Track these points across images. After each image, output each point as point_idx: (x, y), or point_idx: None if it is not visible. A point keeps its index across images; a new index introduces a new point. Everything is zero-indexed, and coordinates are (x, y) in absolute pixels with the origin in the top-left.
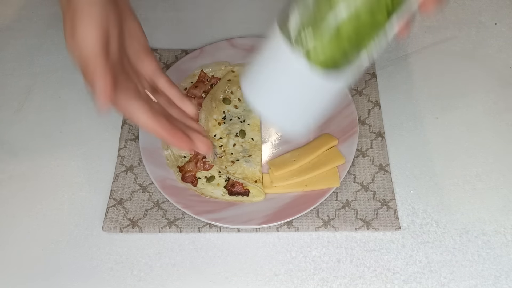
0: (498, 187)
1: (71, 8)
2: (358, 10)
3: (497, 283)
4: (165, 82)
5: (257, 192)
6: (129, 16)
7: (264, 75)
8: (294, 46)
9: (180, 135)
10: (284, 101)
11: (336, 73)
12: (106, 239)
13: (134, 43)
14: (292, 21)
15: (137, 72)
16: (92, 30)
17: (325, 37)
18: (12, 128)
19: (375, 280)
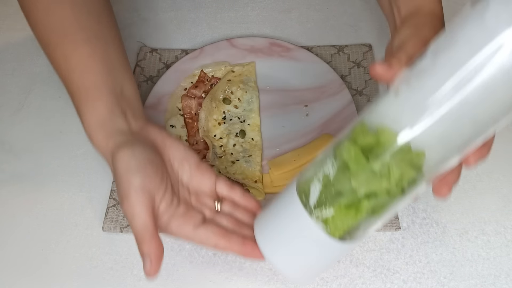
0: (498, 187)
1: (116, 178)
2: (375, 191)
3: (497, 283)
4: (224, 186)
5: (257, 192)
6: (170, 144)
7: (280, 233)
8: (313, 214)
9: (250, 245)
10: (297, 257)
11: (351, 236)
12: (106, 239)
13: (185, 166)
14: (312, 192)
15: (196, 192)
16: (138, 206)
17: (344, 211)
18: (12, 128)
19: (375, 280)
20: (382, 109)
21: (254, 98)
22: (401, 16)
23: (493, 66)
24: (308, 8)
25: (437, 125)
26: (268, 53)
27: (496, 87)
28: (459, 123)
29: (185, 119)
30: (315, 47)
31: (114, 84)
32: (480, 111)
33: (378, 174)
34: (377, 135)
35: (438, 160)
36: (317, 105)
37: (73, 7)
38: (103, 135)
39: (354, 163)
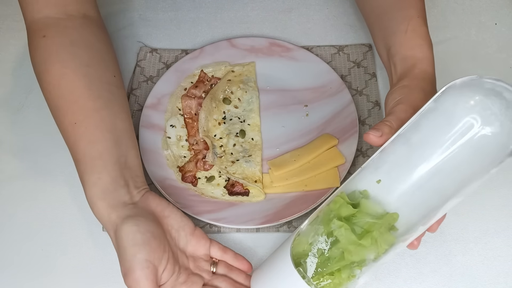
0: (498, 187)
1: (120, 250)
2: (365, 259)
3: (497, 283)
4: (218, 250)
5: (257, 192)
6: (168, 214)
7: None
8: (311, 283)
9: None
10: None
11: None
12: (106, 239)
13: (181, 234)
14: (309, 266)
15: (194, 257)
16: (143, 281)
17: (338, 278)
18: (12, 128)
19: (375, 280)
20: (364, 186)
21: (254, 98)
22: (397, 73)
23: (458, 163)
24: (308, 8)
25: (411, 201)
26: (268, 53)
27: (461, 177)
28: (429, 200)
29: (185, 119)
30: (315, 47)
31: (119, 155)
32: (447, 192)
33: (367, 247)
34: (358, 207)
35: (412, 224)
36: (317, 105)
37: (86, 75)
38: (105, 205)
39: (346, 240)
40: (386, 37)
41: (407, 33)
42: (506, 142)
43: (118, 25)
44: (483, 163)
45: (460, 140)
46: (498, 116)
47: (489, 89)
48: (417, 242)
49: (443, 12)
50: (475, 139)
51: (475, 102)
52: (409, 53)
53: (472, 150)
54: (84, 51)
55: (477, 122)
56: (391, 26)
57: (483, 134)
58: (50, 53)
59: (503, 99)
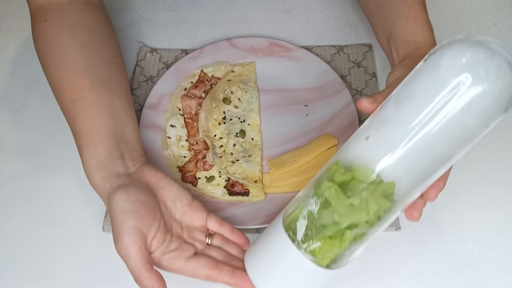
0: (498, 187)
1: (111, 219)
2: (356, 222)
3: (497, 283)
4: (215, 222)
5: (257, 192)
6: (164, 185)
7: (271, 266)
8: (301, 248)
9: (240, 276)
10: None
11: (337, 263)
12: (106, 239)
13: (177, 205)
14: (299, 228)
15: (188, 227)
16: (131, 247)
17: (329, 243)
18: (12, 128)
19: (375, 280)
20: (356, 152)
21: (254, 98)
22: (400, 57)
23: (447, 115)
24: (308, 8)
25: (403, 161)
26: (268, 53)
27: (450, 131)
28: (422, 160)
29: (185, 119)
30: (315, 47)
31: (116, 129)
32: (438, 150)
33: (357, 208)
34: (352, 172)
35: (407, 189)
36: (317, 105)
37: (84, 56)
38: (100, 176)
39: (336, 200)
40: (387, 24)
41: (408, 19)
42: (499, 97)
43: (118, 25)
44: (475, 120)
45: (449, 95)
46: (488, 71)
47: (478, 44)
48: (418, 213)
49: (443, 12)
50: (465, 96)
51: (465, 58)
52: (412, 38)
53: (463, 106)
54: (83, 33)
55: (467, 79)
56: (392, 14)
57: (474, 91)
58: (50, 36)
59: (492, 52)
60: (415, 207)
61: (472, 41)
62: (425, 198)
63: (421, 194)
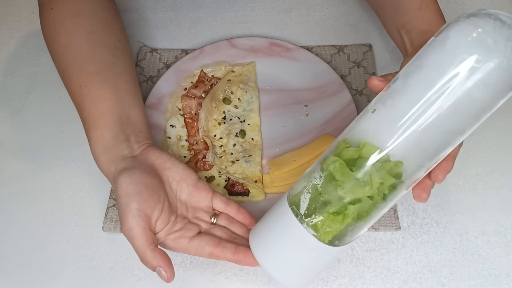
0: (498, 187)
1: (117, 201)
2: (360, 197)
3: (497, 283)
4: (220, 202)
5: (257, 192)
6: (169, 166)
7: (274, 241)
8: (304, 222)
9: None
10: (291, 263)
11: (340, 241)
12: (106, 239)
13: (182, 186)
14: (302, 202)
15: (194, 208)
16: (135, 228)
17: (332, 218)
18: (12, 128)
19: (375, 280)
20: (362, 126)
21: (254, 98)
22: (414, 46)
23: (455, 86)
24: (308, 8)
25: (411, 138)
26: (268, 53)
27: (459, 103)
28: (430, 135)
29: (185, 119)
30: (315, 47)
31: (121, 112)
32: (447, 124)
33: (361, 182)
34: (359, 149)
35: (415, 167)
36: (317, 105)
37: (89, 41)
38: (106, 159)
39: (340, 174)
40: (398, 15)
41: (421, 10)
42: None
43: None
44: (482, 91)
45: (456, 65)
46: (497, 41)
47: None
48: (426, 194)
49: (443, 12)
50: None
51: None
52: (427, 28)
53: (470, 77)
54: (88, 20)
55: (475, 49)
56: (402, 5)
57: (482, 61)
58: (56, 24)
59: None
60: (423, 187)
61: (481, 13)
62: (433, 180)
63: (429, 175)
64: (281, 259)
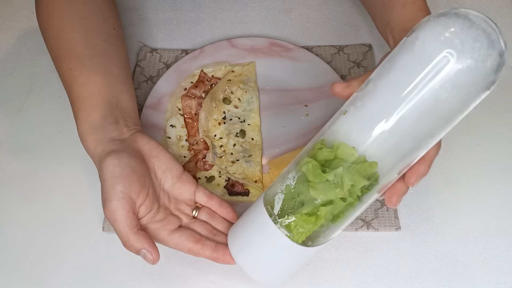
0: (498, 187)
1: (101, 183)
2: (331, 199)
3: (497, 283)
4: (203, 196)
5: (257, 192)
6: (156, 154)
7: (250, 241)
8: (277, 222)
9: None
10: (265, 262)
11: (313, 242)
12: (106, 239)
13: (167, 176)
14: (276, 203)
15: (176, 199)
16: (119, 210)
17: (305, 219)
18: (12, 128)
19: (375, 280)
20: (336, 127)
21: (254, 98)
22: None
23: (422, 87)
24: (308, 8)
25: (382, 139)
26: (268, 53)
27: (427, 105)
28: (399, 137)
29: (185, 119)
30: (315, 47)
31: (111, 96)
32: (416, 126)
33: (332, 184)
34: (334, 150)
35: (388, 169)
36: (317, 105)
37: (83, 26)
38: (93, 139)
39: (312, 175)
40: (385, 13)
41: (405, 6)
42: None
43: None
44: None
45: (423, 66)
46: (464, 42)
47: (456, 15)
48: (396, 198)
49: None
50: (439, 67)
51: (441, 29)
52: (408, 25)
53: (437, 79)
54: (82, 6)
55: (441, 50)
56: (389, 2)
57: (448, 62)
58: (51, 10)
59: (470, 23)
60: (394, 191)
61: (451, 13)
62: (406, 182)
63: (403, 179)
64: (257, 258)
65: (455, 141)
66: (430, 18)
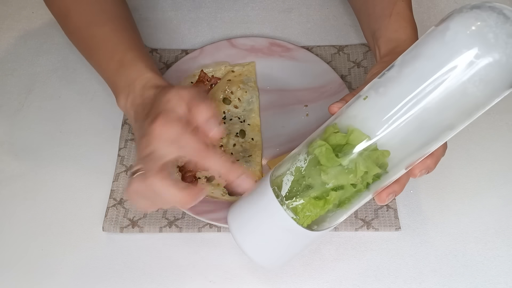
0: (498, 187)
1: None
2: (343, 184)
3: (497, 283)
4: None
5: None
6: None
7: (251, 220)
8: (284, 204)
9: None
10: (266, 243)
11: (319, 226)
12: (106, 239)
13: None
14: (284, 184)
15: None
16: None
17: (313, 202)
18: (12, 128)
19: (375, 280)
20: (353, 112)
21: (254, 98)
22: (381, 55)
23: (450, 79)
24: (308, 8)
25: (400, 128)
26: (268, 53)
27: (452, 97)
28: (419, 127)
29: None
30: (315, 47)
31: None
32: (438, 118)
33: (345, 170)
34: (347, 135)
35: (400, 159)
36: (317, 105)
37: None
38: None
39: (325, 158)
40: (372, 22)
41: (391, 17)
42: (506, 65)
43: None
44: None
45: (454, 58)
46: (498, 36)
47: (491, 9)
48: (386, 195)
49: (443, 12)
50: (470, 60)
51: (474, 21)
52: (393, 36)
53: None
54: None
55: (474, 42)
56: (376, 11)
57: (480, 55)
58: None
59: (504, 18)
60: (386, 189)
61: (485, 6)
62: (409, 174)
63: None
64: (257, 238)
65: (455, 141)
66: (462, 9)
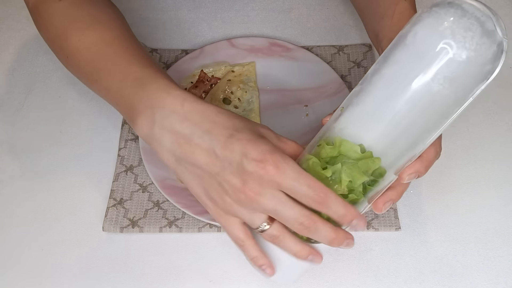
0: (498, 187)
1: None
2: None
3: (497, 283)
4: None
5: None
6: None
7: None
8: None
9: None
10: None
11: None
12: (106, 239)
13: None
14: None
15: None
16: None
17: None
18: (12, 128)
19: (375, 280)
20: (333, 124)
21: (254, 98)
22: None
23: (416, 81)
24: (308, 8)
25: (379, 134)
26: (268, 53)
27: (419, 98)
28: (396, 131)
29: None
30: (315, 47)
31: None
32: (410, 120)
33: (330, 181)
34: (336, 146)
35: (387, 164)
36: (317, 105)
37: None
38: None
39: (312, 172)
40: (375, 23)
41: (394, 17)
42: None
43: None
44: (446, 89)
45: (415, 58)
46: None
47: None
48: (382, 204)
49: None
50: (431, 58)
51: (432, 19)
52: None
53: (429, 70)
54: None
55: (432, 41)
56: (379, 12)
57: (439, 53)
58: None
59: (462, 12)
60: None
61: (444, 3)
62: (398, 178)
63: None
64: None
65: (455, 141)
66: (423, 10)
